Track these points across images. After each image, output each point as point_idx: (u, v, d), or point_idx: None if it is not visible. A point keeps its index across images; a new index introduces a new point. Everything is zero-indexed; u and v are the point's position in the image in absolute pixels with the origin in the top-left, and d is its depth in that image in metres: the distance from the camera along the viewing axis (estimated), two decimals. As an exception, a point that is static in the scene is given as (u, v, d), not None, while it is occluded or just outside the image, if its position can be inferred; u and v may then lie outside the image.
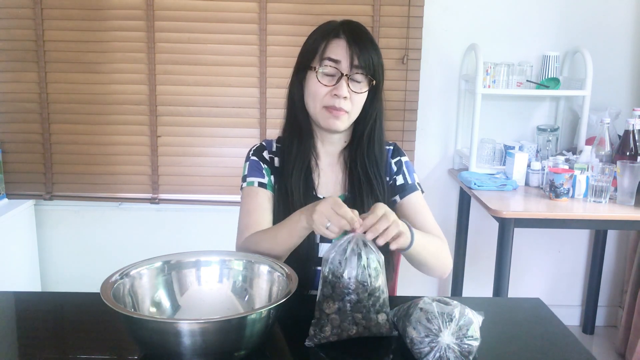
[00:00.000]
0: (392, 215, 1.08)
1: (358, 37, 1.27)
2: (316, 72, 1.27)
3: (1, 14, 2.55)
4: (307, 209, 1.14)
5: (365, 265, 1.03)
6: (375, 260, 1.04)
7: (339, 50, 1.26)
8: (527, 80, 2.55)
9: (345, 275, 1.02)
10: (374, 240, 1.06)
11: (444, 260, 1.30)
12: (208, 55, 2.61)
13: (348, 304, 1.03)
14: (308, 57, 1.30)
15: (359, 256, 1.03)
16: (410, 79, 2.64)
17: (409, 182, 1.38)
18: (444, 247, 1.31)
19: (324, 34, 1.29)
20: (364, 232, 1.05)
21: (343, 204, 1.07)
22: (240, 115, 2.66)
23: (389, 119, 2.63)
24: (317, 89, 1.27)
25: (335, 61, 1.26)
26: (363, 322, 1.04)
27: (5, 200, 2.66)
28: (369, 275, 1.03)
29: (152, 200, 2.71)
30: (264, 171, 1.36)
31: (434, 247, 1.27)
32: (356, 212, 1.07)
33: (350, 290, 1.03)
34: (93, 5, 2.55)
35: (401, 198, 1.36)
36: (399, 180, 1.38)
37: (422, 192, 1.40)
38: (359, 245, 1.04)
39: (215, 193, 2.71)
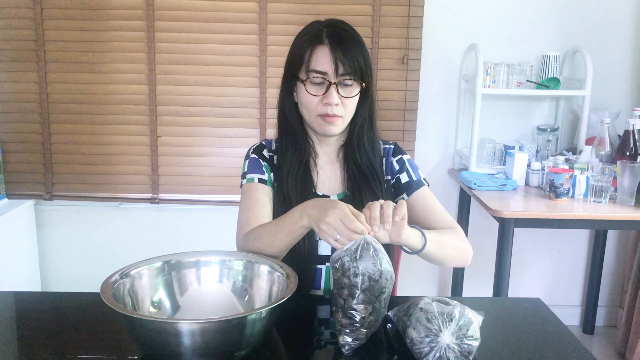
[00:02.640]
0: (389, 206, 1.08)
1: (342, 41, 1.25)
2: (304, 84, 1.27)
3: (1, 14, 2.55)
4: (309, 209, 1.11)
5: (379, 262, 1.02)
6: (385, 259, 1.04)
7: (324, 59, 1.25)
8: (527, 80, 2.55)
9: (361, 272, 1.00)
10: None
11: (464, 251, 1.29)
12: (208, 55, 2.61)
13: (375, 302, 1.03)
14: (295, 67, 1.29)
15: (371, 253, 1.02)
16: (410, 79, 2.64)
17: (414, 178, 1.38)
18: (461, 237, 1.30)
19: (308, 40, 1.27)
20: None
21: (353, 217, 1.03)
22: (240, 115, 2.66)
23: (389, 119, 2.63)
24: (308, 100, 1.28)
25: (322, 72, 1.25)
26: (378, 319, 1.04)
27: (5, 200, 2.66)
28: (384, 271, 1.02)
29: (152, 200, 2.71)
30: (263, 168, 1.37)
31: (451, 241, 1.26)
32: (363, 217, 1.05)
33: (374, 285, 1.01)
34: (93, 5, 2.55)
35: (408, 195, 1.37)
36: (404, 178, 1.38)
37: (428, 185, 1.40)
38: (368, 244, 1.03)
39: (215, 193, 2.71)
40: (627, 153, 2.25)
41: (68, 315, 1.20)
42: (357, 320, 1.00)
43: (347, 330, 1.01)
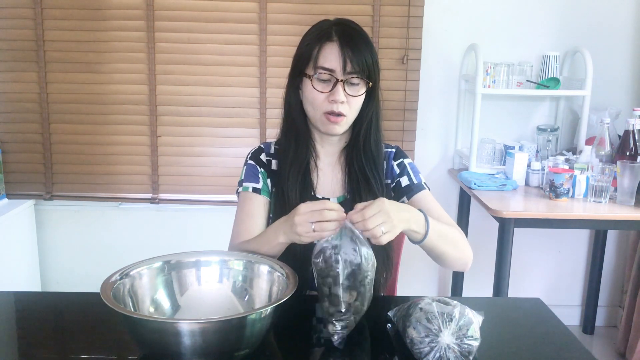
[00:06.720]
0: (386, 212, 1.06)
1: (351, 39, 1.26)
2: (311, 80, 1.27)
3: (1, 14, 2.55)
4: (282, 226, 1.16)
5: (359, 247, 1.04)
6: (365, 244, 1.05)
7: (332, 56, 1.25)
8: (527, 80, 2.55)
9: (341, 260, 1.03)
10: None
11: (464, 251, 1.27)
12: (208, 55, 2.61)
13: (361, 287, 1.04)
14: (302, 63, 1.29)
15: (350, 239, 1.04)
16: (410, 79, 2.64)
17: (415, 182, 1.37)
18: (462, 237, 1.28)
19: (317, 37, 1.27)
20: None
21: (317, 202, 1.09)
22: (240, 115, 2.66)
23: (389, 119, 2.63)
24: (314, 96, 1.27)
25: (329, 69, 1.25)
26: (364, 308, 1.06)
27: (5, 200, 2.66)
28: (364, 255, 1.04)
29: (152, 200, 2.71)
30: (259, 175, 1.37)
31: (452, 235, 1.24)
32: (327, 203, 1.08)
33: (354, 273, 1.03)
34: (93, 5, 2.55)
35: (409, 198, 1.36)
36: (404, 181, 1.38)
37: (429, 190, 1.39)
38: (349, 233, 1.05)
39: (216, 193, 2.71)
40: (627, 153, 2.25)
41: (68, 315, 1.20)
42: (343, 307, 1.02)
43: (334, 319, 1.02)
